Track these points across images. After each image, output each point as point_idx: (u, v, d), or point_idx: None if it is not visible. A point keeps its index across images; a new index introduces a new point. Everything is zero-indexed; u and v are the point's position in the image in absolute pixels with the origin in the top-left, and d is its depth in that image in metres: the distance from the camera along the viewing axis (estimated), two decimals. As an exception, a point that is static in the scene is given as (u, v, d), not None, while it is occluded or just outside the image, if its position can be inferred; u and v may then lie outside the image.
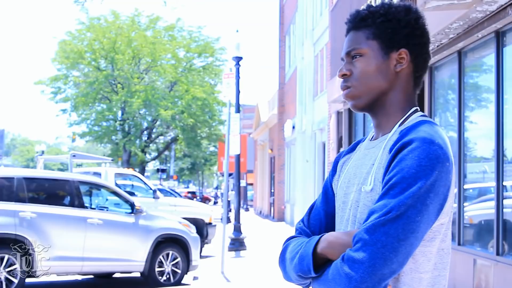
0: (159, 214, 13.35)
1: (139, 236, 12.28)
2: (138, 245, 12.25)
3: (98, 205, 12.61)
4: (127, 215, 12.33)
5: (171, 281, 12.69)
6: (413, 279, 2.04)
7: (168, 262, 12.66)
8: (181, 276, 12.89)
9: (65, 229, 11.43)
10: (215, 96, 40.98)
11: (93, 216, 11.80)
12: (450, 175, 2.03)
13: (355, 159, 2.31)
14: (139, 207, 12.41)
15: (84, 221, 11.61)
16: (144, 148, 41.85)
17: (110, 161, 22.50)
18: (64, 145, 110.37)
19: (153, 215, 12.86)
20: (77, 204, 11.73)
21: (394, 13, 2.21)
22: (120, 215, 12.32)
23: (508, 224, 8.74)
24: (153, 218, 12.72)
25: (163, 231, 12.64)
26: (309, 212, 2.40)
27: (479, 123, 10.25)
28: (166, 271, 12.65)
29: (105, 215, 12.02)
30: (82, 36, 40.06)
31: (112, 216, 12.16)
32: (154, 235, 12.44)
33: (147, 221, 12.49)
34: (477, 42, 9.56)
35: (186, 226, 13.22)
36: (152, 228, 12.47)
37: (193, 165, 76.57)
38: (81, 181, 12.21)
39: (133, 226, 12.26)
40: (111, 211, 12.35)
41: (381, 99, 2.22)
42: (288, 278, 2.23)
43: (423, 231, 1.98)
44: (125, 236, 12.14)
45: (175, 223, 13.11)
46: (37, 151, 56.36)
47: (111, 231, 11.97)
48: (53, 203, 11.60)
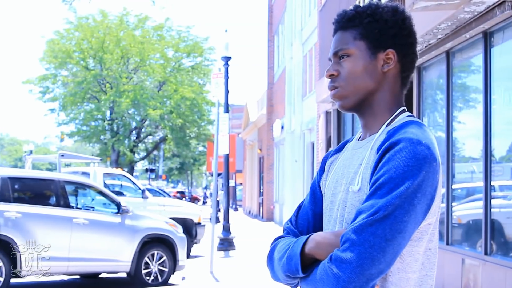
0: (145, 214, 13.27)
1: (125, 236, 12.19)
2: (124, 245, 12.16)
3: (84, 205, 12.50)
4: (113, 215, 12.24)
5: (158, 281, 12.63)
6: (400, 279, 2.05)
7: (154, 262, 12.60)
8: (167, 276, 12.82)
9: (50, 229, 11.33)
10: (204, 96, 40.94)
11: (79, 216, 11.71)
12: (437, 175, 2.03)
13: (342, 159, 2.31)
14: (125, 207, 12.31)
15: (70, 221, 11.52)
16: (133, 148, 41.76)
17: (99, 161, 22.47)
18: (52, 144, 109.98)
19: (139, 215, 12.78)
20: (62, 204, 11.63)
21: (381, 13, 2.21)
22: (106, 215, 12.24)
23: (496, 224, 8.78)
24: (140, 218, 12.64)
25: (150, 231, 12.57)
26: (297, 212, 2.40)
27: (467, 123, 10.28)
28: (152, 271, 12.58)
29: (91, 215, 11.93)
30: (70, 36, 39.93)
31: (98, 216, 12.07)
32: (141, 235, 12.37)
33: (133, 221, 12.41)
34: (465, 43, 9.59)
35: (173, 226, 13.16)
36: (138, 228, 12.40)
37: (182, 165, 76.46)
38: (67, 181, 12.12)
39: (119, 226, 12.18)
40: (97, 211, 12.25)
41: (369, 99, 2.22)
42: (276, 278, 2.24)
43: (410, 231, 1.98)
44: (111, 236, 12.06)
45: (161, 223, 13.04)
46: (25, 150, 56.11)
47: (97, 231, 11.88)
48: (39, 203, 11.50)
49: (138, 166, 68.64)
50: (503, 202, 8.86)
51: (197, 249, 18.68)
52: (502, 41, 8.65)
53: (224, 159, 19.54)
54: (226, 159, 19.38)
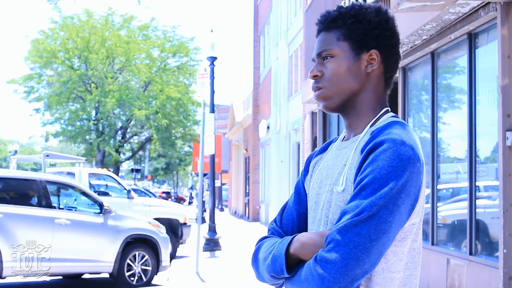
0: (128, 214, 13.15)
1: (107, 236, 12.10)
2: (107, 245, 12.06)
3: (67, 205, 12.36)
4: (95, 215, 12.13)
5: (141, 282, 12.55)
6: (385, 279, 2.06)
7: (137, 262, 12.53)
8: (151, 276, 12.74)
9: (32, 230, 11.20)
10: (189, 96, 40.86)
11: (61, 216, 11.58)
12: (421, 176, 2.04)
13: (327, 159, 2.31)
14: (107, 207, 12.20)
15: (52, 221, 11.39)
16: (118, 148, 41.63)
17: (84, 161, 22.39)
18: (37, 144, 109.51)
19: (122, 215, 12.66)
20: (44, 204, 11.51)
21: (365, 14, 2.22)
22: (89, 215, 12.11)
23: (481, 224, 8.82)
24: (122, 218, 12.54)
25: (132, 232, 12.47)
26: (281, 212, 2.41)
27: (452, 124, 10.32)
28: (135, 271, 12.50)
29: (73, 215, 11.81)
30: (55, 35, 39.76)
31: (80, 216, 11.94)
32: (123, 235, 12.27)
33: (116, 221, 12.31)
34: (450, 44, 9.63)
35: (156, 226, 13.07)
36: (121, 228, 12.30)
37: (167, 165, 76.34)
38: (49, 181, 11.99)
39: (102, 226, 12.08)
40: (80, 211, 12.13)
41: (352, 100, 2.23)
42: (261, 278, 2.24)
43: (394, 231, 1.99)
44: (93, 237, 11.95)
45: (144, 223, 12.96)
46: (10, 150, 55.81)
47: (79, 231, 11.76)
48: (20, 203, 11.37)
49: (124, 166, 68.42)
50: (487, 202, 8.90)
51: (183, 250, 18.66)
52: (486, 42, 8.69)
53: (210, 159, 19.52)
54: (212, 159, 19.37)
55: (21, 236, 10.96)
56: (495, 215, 8.14)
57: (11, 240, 10.82)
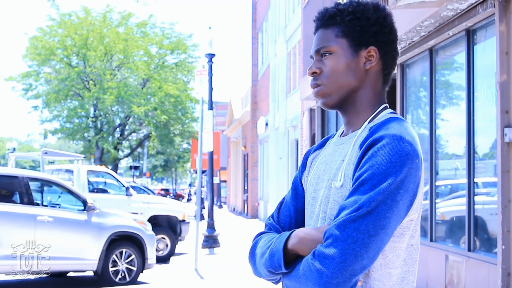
0: (113, 211, 12.87)
1: (91, 233, 11.87)
2: (91, 243, 11.84)
3: (51, 202, 12.16)
4: (79, 212, 11.87)
5: (126, 280, 12.37)
6: (383, 275, 2.06)
7: (122, 260, 12.36)
8: (136, 274, 12.53)
9: (13, 227, 11.01)
10: (188, 93, 40.83)
11: (43, 213, 11.37)
12: (419, 172, 2.04)
13: (324, 155, 2.32)
14: (91, 204, 11.96)
15: (34, 218, 11.17)
16: (117, 145, 41.59)
17: (83, 158, 22.38)
18: (35, 142, 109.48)
19: (106, 212, 12.40)
20: (26, 201, 11.32)
21: (363, 10, 2.22)
22: (72, 212, 11.86)
23: (479, 220, 8.83)
24: (107, 215, 12.30)
25: (117, 229, 12.27)
26: (278, 208, 2.41)
27: (450, 121, 10.33)
28: (120, 269, 12.34)
29: (55, 213, 11.59)
30: (53, 33, 39.70)
31: (63, 214, 11.70)
32: (108, 232, 12.06)
33: (100, 218, 12.07)
34: (448, 40, 9.63)
35: (141, 224, 12.89)
36: (105, 226, 12.07)
37: (166, 162, 76.34)
38: (31, 178, 11.77)
39: (85, 224, 11.83)
40: (64, 208, 11.92)
41: (351, 97, 2.23)
42: (258, 273, 2.24)
43: (393, 227, 2.00)
44: (77, 234, 11.70)
45: (129, 221, 12.73)
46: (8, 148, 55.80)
47: (62, 228, 11.53)
48: (1, 200, 11.19)
49: (122, 163, 68.46)
50: (486, 198, 8.91)
51: (181, 247, 18.67)
52: (484, 39, 8.70)
53: (208, 156, 19.51)
54: (211, 156, 19.36)
55: (2, 234, 10.76)
56: (493, 211, 8.15)
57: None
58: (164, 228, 17.16)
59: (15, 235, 10.96)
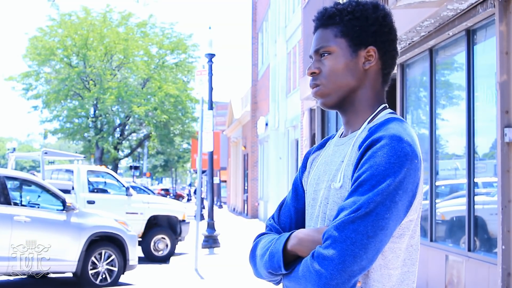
0: (93, 212, 12.60)
1: (70, 234, 11.53)
2: (70, 243, 11.52)
3: (30, 201, 11.84)
4: (58, 212, 11.53)
5: (107, 282, 12.11)
6: (382, 276, 2.06)
7: (102, 261, 12.07)
8: (117, 276, 12.25)
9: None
10: (188, 93, 40.85)
11: (20, 213, 11.06)
12: (418, 172, 2.04)
13: (324, 156, 2.32)
14: (70, 204, 11.64)
15: (11, 218, 10.85)
16: (117, 145, 41.60)
17: (83, 158, 22.37)
18: (35, 142, 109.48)
19: (86, 212, 12.12)
20: (2, 201, 11.01)
21: (362, 10, 2.22)
22: (51, 212, 11.51)
23: (479, 220, 8.83)
24: (87, 216, 11.99)
25: (97, 229, 11.94)
26: (279, 209, 2.41)
27: (450, 121, 10.32)
28: (100, 271, 12.06)
29: (33, 212, 11.28)
30: (53, 33, 39.73)
31: (41, 214, 11.37)
32: (87, 233, 11.72)
33: (79, 218, 11.73)
34: (448, 40, 9.63)
35: (123, 224, 12.56)
36: (85, 226, 11.74)
37: (166, 162, 76.35)
38: (8, 177, 11.52)
39: (64, 224, 11.49)
40: (43, 208, 11.60)
41: (350, 97, 2.23)
42: (259, 274, 2.25)
43: (392, 228, 1.99)
44: (55, 235, 11.35)
45: (110, 221, 12.38)
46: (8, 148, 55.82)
47: (40, 229, 11.18)
48: None
49: (122, 163, 68.48)
50: (486, 198, 8.91)
51: (181, 247, 18.67)
52: (484, 39, 8.69)
53: (208, 156, 19.50)
54: (211, 156, 19.36)
55: None
56: (493, 211, 8.15)
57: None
58: (164, 228, 17.16)
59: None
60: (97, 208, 15.56)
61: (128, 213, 16.29)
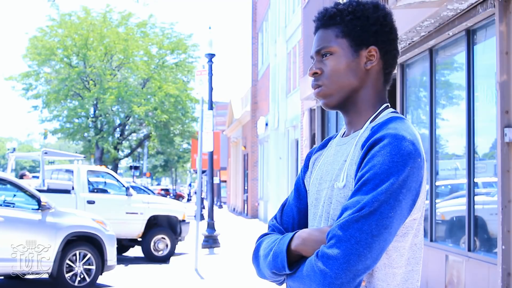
0: (70, 211, 12.18)
1: (45, 234, 11.14)
2: (45, 243, 11.13)
3: (5, 201, 11.39)
4: (33, 212, 11.16)
5: (85, 283, 11.75)
6: (387, 274, 2.06)
7: (79, 262, 11.69)
8: (95, 277, 11.89)
9: None
10: (188, 93, 40.84)
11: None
12: (421, 171, 2.05)
13: (326, 155, 2.32)
14: (45, 203, 11.22)
15: None
16: (117, 145, 41.59)
17: (83, 158, 22.37)
18: (35, 142, 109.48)
19: (62, 212, 11.66)
20: None
21: (363, 10, 2.22)
22: (26, 211, 11.14)
23: (479, 220, 8.83)
24: (63, 215, 11.56)
25: (74, 229, 11.53)
26: (281, 209, 2.41)
27: (450, 121, 10.33)
28: (77, 272, 11.67)
29: (7, 212, 10.90)
30: (53, 33, 39.71)
31: (15, 213, 11.01)
32: (64, 233, 11.32)
33: (55, 218, 11.34)
34: (448, 40, 9.63)
35: (101, 224, 12.19)
36: (61, 226, 11.34)
37: (166, 162, 76.33)
38: None
39: (39, 224, 11.10)
40: (17, 207, 11.25)
41: (352, 97, 2.24)
42: (262, 275, 2.25)
43: (396, 227, 2.00)
44: (30, 234, 10.92)
45: (87, 220, 12.02)
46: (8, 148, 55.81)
47: (14, 228, 10.83)
48: None
49: (122, 163, 68.47)
50: (486, 199, 8.91)
51: (181, 247, 18.67)
52: (484, 39, 8.70)
53: (208, 156, 19.51)
54: (211, 156, 19.37)
55: None
56: (493, 211, 8.15)
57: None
58: (164, 228, 17.15)
59: None
60: (98, 208, 15.59)
61: (128, 213, 16.30)
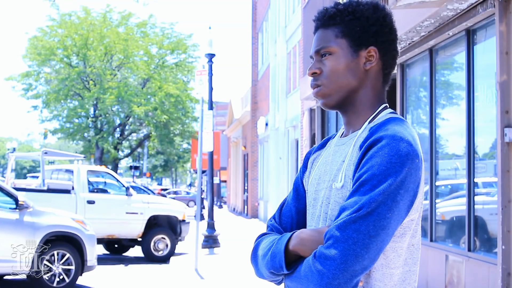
0: (48, 210, 11.76)
1: (23, 234, 10.81)
2: (23, 243, 10.85)
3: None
4: (10, 211, 10.86)
5: (64, 283, 11.41)
6: (384, 275, 2.06)
7: (57, 262, 11.36)
8: (74, 277, 11.53)
9: None
10: (188, 93, 40.87)
11: None
12: (419, 172, 2.05)
13: (325, 156, 2.32)
14: (23, 202, 10.95)
15: None
16: (117, 145, 41.62)
17: (83, 158, 22.38)
18: (35, 142, 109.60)
19: (41, 211, 11.34)
20: None
21: (362, 10, 2.22)
22: (2, 211, 10.84)
23: (479, 220, 8.83)
24: (41, 214, 11.26)
25: (53, 228, 11.21)
26: (280, 209, 2.41)
27: (450, 120, 10.33)
28: (55, 272, 11.34)
29: None
30: (53, 33, 39.74)
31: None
32: (42, 232, 11.01)
33: (33, 217, 11.04)
34: (448, 40, 9.63)
35: (80, 223, 11.86)
36: (39, 225, 11.03)
37: (166, 162, 76.36)
38: None
39: (17, 223, 10.82)
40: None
41: (351, 97, 2.23)
42: (260, 275, 2.25)
43: (393, 227, 2.00)
44: (6, 234, 10.67)
45: (66, 220, 11.69)
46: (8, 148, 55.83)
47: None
48: None
49: (122, 163, 68.50)
50: (486, 198, 8.91)
51: (181, 247, 18.67)
52: (484, 39, 8.70)
53: (208, 156, 19.50)
54: (211, 156, 19.36)
55: None
56: (493, 211, 8.15)
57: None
58: (164, 228, 17.15)
59: None
60: (97, 208, 15.60)
61: (128, 213, 16.30)
